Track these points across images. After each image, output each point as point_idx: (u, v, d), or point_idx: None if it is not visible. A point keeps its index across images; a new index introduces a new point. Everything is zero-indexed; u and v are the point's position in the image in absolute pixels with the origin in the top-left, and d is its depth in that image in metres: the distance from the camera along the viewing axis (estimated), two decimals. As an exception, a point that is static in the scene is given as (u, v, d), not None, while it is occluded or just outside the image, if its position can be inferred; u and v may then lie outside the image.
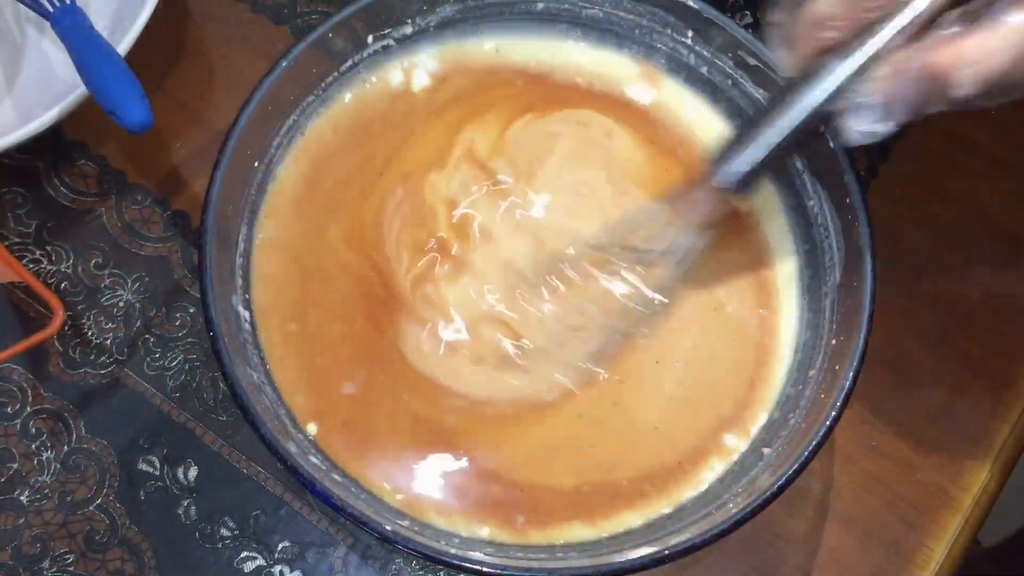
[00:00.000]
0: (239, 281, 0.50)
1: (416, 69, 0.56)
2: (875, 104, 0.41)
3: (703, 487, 0.49)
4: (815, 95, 0.43)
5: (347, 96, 0.55)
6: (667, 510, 0.48)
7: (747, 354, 0.51)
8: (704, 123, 0.56)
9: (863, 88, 0.41)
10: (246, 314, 0.49)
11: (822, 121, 0.44)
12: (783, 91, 0.45)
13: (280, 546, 0.55)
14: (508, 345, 0.50)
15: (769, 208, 0.54)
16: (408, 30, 0.55)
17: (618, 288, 0.51)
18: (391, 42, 0.55)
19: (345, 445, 0.49)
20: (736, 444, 0.50)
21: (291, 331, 0.50)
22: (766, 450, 0.48)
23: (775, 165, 0.46)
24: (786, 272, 0.53)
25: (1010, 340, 0.59)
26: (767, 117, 0.45)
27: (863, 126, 0.42)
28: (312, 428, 0.48)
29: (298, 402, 0.49)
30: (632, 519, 0.48)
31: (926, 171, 0.62)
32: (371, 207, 0.53)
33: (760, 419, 0.50)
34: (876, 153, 0.62)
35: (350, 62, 0.54)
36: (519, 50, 0.57)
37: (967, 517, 0.56)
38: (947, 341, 0.59)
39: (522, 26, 0.56)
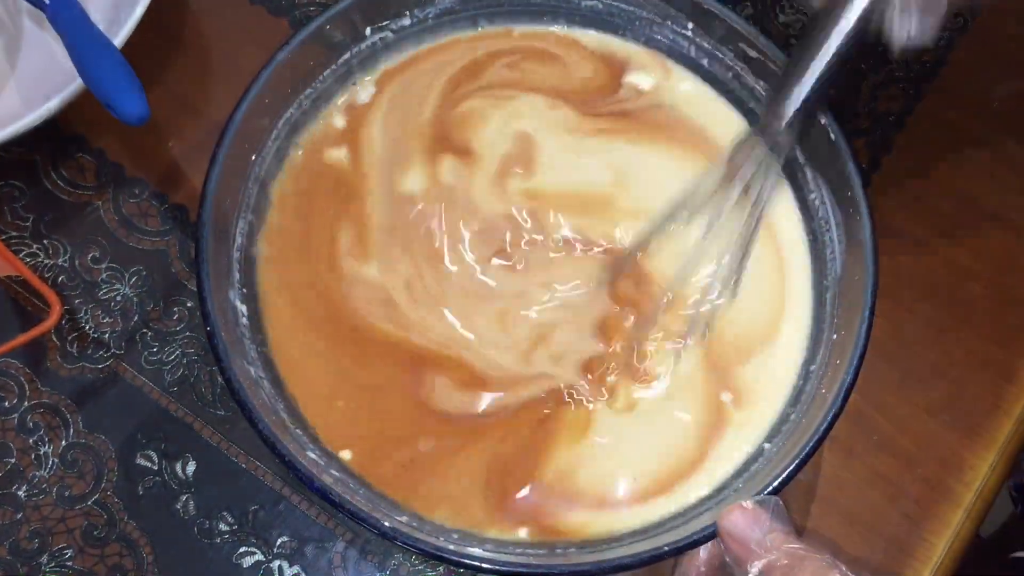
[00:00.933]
0: (236, 275, 0.49)
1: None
2: (912, 9, 0.41)
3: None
4: (848, 17, 0.44)
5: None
6: (674, 508, 0.48)
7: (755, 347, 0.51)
8: (700, 106, 0.56)
9: None
10: (243, 308, 0.49)
11: (861, 41, 0.44)
12: (815, 22, 0.45)
13: (279, 541, 0.54)
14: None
15: (772, 201, 0.53)
16: (406, 22, 0.55)
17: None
18: (389, 34, 0.54)
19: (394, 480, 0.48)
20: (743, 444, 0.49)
21: (339, 407, 0.50)
22: (767, 445, 0.48)
23: (826, 95, 0.47)
24: (791, 264, 0.52)
25: (1012, 333, 0.59)
26: (807, 51, 0.46)
27: (905, 33, 0.42)
28: (346, 454, 0.48)
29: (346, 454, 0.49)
30: (644, 514, 0.48)
31: (928, 164, 0.62)
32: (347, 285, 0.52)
33: (768, 414, 0.50)
34: (878, 146, 0.62)
35: (348, 54, 0.54)
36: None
37: (969, 512, 0.55)
38: (948, 335, 0.58)
39: (517, 18, 0.56)
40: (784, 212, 0.53)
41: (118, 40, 0.56)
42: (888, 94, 0.63)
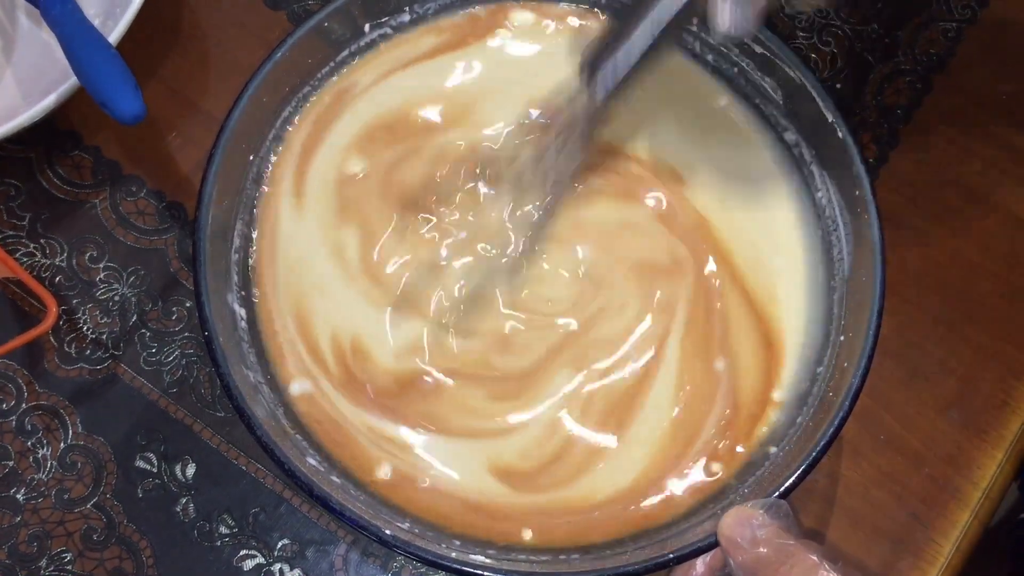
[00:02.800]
0: (235, 278, 0.49)
1: None
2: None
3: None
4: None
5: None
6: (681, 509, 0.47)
7: (753, 350, 0.50)
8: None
9: None
10: (242, 312, 0.48)
11: (685, 19, 0.44)
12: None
13: (280, 544, 0.54)
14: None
15: (777, 197, 0.53)
16: (406, 18, 0.54)
17: None
18: (388, 30, 0.54)
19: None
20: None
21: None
22: (773, 449, 0.47)
23: (642, 71, 0.46)
24: (794, 265, 0.52)
25: (1020, 329, 0.58)
26: (629, 24, 0.45)
27: (724, 21, 0.42)
28: None
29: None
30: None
31: (936, 158, 0.61)
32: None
33: (769, 417, 0.49)
34: (885, 139, 0.61)
35: (346, 51, 0.53)
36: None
37: (976, 511, 0.55)
38: (956, 331, 0.58)
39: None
40: (794, 210, 0.52)
41: (114, 35, 0.55)
42: (895, 87, 0.62)
